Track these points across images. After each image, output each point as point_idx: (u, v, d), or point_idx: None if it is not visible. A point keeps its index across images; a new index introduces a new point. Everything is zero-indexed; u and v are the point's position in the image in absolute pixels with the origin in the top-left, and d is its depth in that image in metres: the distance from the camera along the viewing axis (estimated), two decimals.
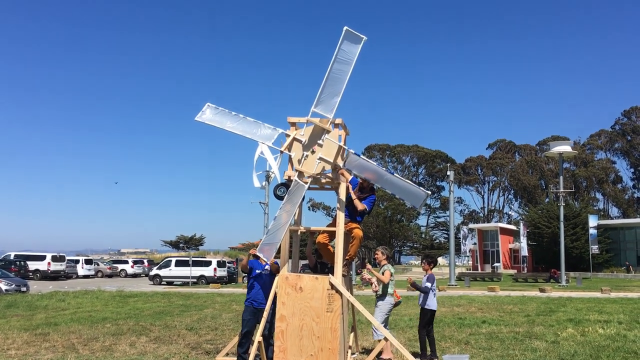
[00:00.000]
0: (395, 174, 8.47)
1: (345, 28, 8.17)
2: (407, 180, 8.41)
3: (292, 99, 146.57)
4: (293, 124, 8.91)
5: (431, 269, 10.05)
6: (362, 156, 8.64)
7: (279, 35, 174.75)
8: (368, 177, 8.71)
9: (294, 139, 8.68)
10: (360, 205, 8.96)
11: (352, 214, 9.09)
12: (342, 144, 8.71)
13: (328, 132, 8.61)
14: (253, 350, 8.12)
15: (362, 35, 8.18)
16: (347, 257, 8.96)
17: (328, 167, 8.62)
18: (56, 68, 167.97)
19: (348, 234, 8.97)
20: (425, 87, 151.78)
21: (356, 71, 8.28)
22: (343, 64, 8.29)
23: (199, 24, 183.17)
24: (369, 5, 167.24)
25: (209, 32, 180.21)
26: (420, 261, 10.64)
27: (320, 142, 8.61)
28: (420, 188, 8.36)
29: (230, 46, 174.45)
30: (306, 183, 8.53)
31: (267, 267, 9.30)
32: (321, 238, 9.43)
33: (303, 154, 8.64)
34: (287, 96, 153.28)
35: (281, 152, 8.68)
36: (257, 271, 9.24)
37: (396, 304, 10.11)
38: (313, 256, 9.85)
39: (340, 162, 8.66)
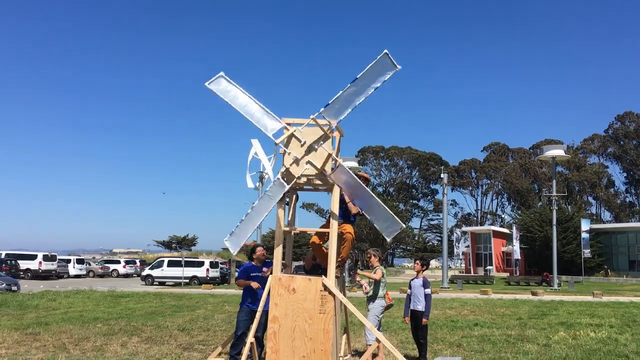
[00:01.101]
0: (377, 199, 8.36)
1: (385, 51, 8.01)
2: (387, 209, 8.28)
3: (283, 103, 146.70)
4: (288, 124, 8.87)
5: (423, 271, 9.95)
6: (350, 171, 8.53)
7: (274, 37, 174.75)
8: (349, 194, 8.63)
9: (293, 135, 8.58)
10: (354, 209, 8.99)
11: (345, 215, 9.11)
12: (336, 147, 8.67)
13: (327, 138, 8.54)
14: (245, 352, 8.10)
15: (397, 65, 8.04)
16: (338, 259, 8.95)
17: (313, 172, 8.55)
18: (43, 66, 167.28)
19: (340, 236, 8.95)
20: (419, 90, 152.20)
21: (350, 74, 8.27)
22: (367, 84, 8.17)
23: (192, 26, 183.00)
24: (365, 10, 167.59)
25: (201, 34, 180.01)
26: (414, 261, 10.52)
27: (315, 145, 8.55)
28: (397, 219, 8.24)
29: (224, 48, 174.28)
30: (287, 183, 8.48)
31: (264, 269, 9.31)
32: (315, 239, 9.44)
33: (295, 153, 8.57)
34: (279, 100, 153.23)
35: (276, 144, 8.56)
36: (253, 274, 9.21)
37: (388, 307, 10.11)
38: (312, 261, 9.81)
39: (328, 171, 8.58)
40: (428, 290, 9.56)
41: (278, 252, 8.77)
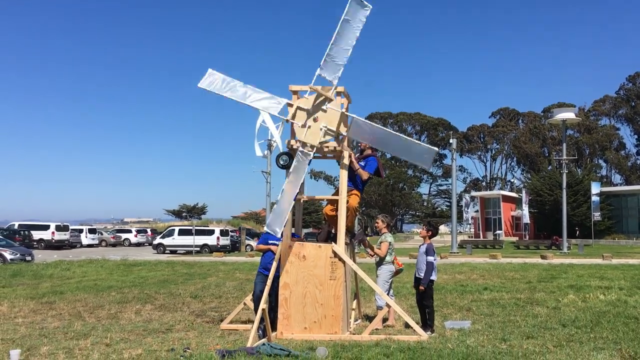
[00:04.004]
0: (401, 136, 8.46)
1: None
2: (414, 140, 8.41)
3: (295, 67, 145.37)
4: (295, 92, 8.85)
5: (430, 237, 9.33)
6: (366, 121, 8.60)
7: (282, 3, 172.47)
8: (373, 144, 8.73)
9: (298, 107, 8.63)
10: (364, 175, 9.04)
11: (355, 181, 9.15)
12: (344, 111, 8.68)
13: (330, 100, 8.55)
14: (257, 317, 8.19)
15: (368, 4, 8.15)
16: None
17: (331, 136, 8.60)
18: (49, 36, 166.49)
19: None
20: (428, 56, 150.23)
21: (359, 39, 8.24)
22: (348, 32, 8.24)
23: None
24: None
25: None
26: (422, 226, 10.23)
27: (323, 109, 8.57)
28: (428, 146, 8.39)
29: (231, 12, 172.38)
30: (310, 152, 8.52)
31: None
32: (327, 210, 9.48)
33: (306, 123, 8.60)
34: (291, 65, 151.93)
35: (286, 121, 8.64)
36: (271, 242, 9.25)
37: (397, 272, 10.12)
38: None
39: (343, 131, 8.63)
40: (430, 258, 9.03)
41: (288, 219, 8.81)
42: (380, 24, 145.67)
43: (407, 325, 9.16)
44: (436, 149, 8.47)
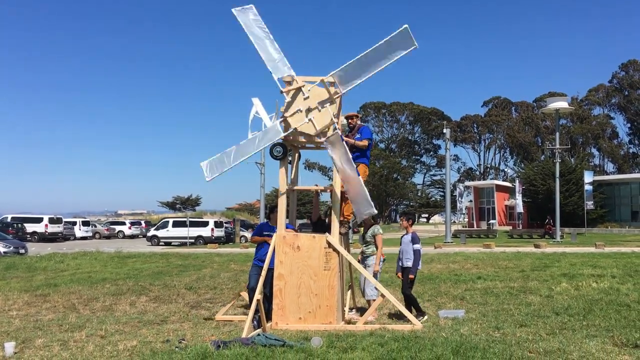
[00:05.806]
0: (362, 182, 8.36)
1: (405, 26, 7.96)
2: (366, 191, 8.31)
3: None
4: (288, 83, 8.82)
5: (411, 225, 9.67)
6: (345, 144, 8.44)
7: None
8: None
9: (299, 89, 8.54)
10: (360, 143, 9.11)
11: (362, 154, 9.25)
12: (338, 103, 8.62)
13: (332, 102, 8.50)
14: (252, 309, 8.22)
15: (415, 42, 8.01)
16: (341, 218, 9.01)
17: (312, 131, 8.55)
18: (52, 27, 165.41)
19: (343, 195, 8.99)
20: (421, 44, 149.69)
21: (352, 30, 8.18)
22: (383, 58, 8.13)
23: None
24: None
25: None
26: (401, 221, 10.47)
27: (319, 107, 8.51)
28: (372, 203, 8.33)
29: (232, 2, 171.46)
30: (284, 131, 8.57)
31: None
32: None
33: (298, 108, 8.57)
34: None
35: (281, 92, 8.57)
36: (266, 233, 9.24)
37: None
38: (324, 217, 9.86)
39: (327, 133, 8.57)
40: (417, 246, 9.30)
41: (282, 210, 8.82)
42: (373, 14, 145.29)
43: (391, 315, 9.21)
44: (375, 211, 8.53)
